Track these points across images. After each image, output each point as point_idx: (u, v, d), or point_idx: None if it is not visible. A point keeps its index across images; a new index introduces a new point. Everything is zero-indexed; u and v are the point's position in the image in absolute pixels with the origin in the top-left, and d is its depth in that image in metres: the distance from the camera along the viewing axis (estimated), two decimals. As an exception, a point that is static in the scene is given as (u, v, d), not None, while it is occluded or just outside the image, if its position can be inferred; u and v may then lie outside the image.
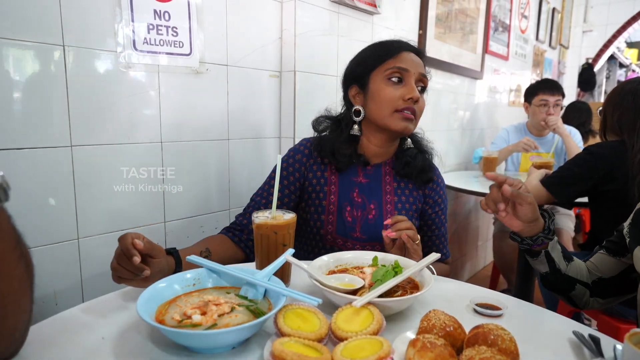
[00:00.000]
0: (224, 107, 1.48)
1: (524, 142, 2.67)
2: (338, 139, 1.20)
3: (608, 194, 1.69)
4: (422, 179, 1.23)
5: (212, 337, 0.66)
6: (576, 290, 1.02)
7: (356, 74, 1.20)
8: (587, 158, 1.74)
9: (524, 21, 3.87)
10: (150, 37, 1.24)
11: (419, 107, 1.15)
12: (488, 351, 0.61)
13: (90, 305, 0.86)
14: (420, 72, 1.15)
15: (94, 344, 0.71)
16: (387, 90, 1.13)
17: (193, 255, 0.89)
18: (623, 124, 1.71)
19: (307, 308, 0.75)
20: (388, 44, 1.19)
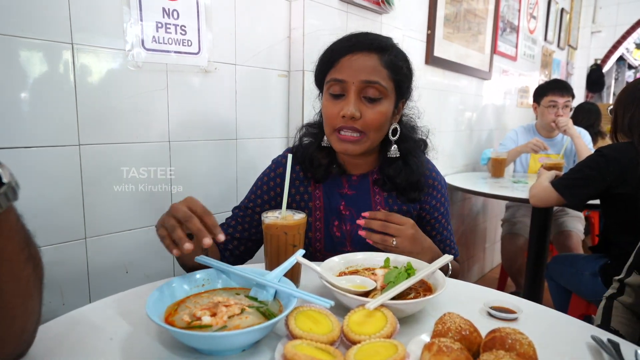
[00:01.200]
0: (232, 106, 1.47)
1: (534, 142, 2.64)
2: (310, 147, 1.14)
3: (619, 196, 1.67)
4: (407, 197, 1.13)
5: (222, 339, 0.64)
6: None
7: (317, 82, 1.13)
8: (599, 160, 1.72)
9: (532, 22, 3.84)
10: (159, 35, 1.23)
11: (365, 122, 1.00)
12: (507, 356, 0.60)
13: (98, 305, 0.85)
14: (362, 80, 0.98)
15: (101, 345, 0.70)
16: (326, 106, 1.04)
17: (202, 256, 0.88)
18: (634, 126, 1.69)
19: (319, 310, 0.73)
20: (333, 48, 1.04)
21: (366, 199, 1.14)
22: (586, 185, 1.73)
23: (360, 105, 1.00)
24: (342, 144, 1.03)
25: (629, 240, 1.65)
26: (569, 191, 1.78)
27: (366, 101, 1.01)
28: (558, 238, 2.70)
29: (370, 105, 1.01)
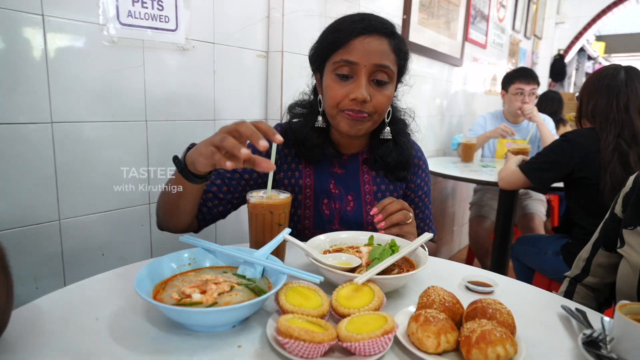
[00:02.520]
0: (211, 86, 1.44)
1: (502, 128, 2.74)
2: (304, 128, 1.11)
3: (582, 180, 1.76)
4: (396, 175, 1.16)
5: (214, 314, 0.65)
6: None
7: (315, 62, 1.09)
8: (564, 145, 1.80)
9: (502, 10, 3.93)
10: (135, 10, 1.19)
11: (374, 106, 1.01)
12: (489, 324, 0.63)
13: (78, 286, 0.83)
14: (375, 63, 0.98)
15: (87, 325, 0.69)
16: (333, 87, 1.01)
17: (187, 236, 0.88)
18: (597, 113, 1.77)
19: (307, 286, 0.75)
20: (339, 29, 1.02)
21: (355, 178, 1.15)
22: (552, 169, 1.82)
23: (369, 88, 1.00)
24: (350, 122, 1.02)
25: (590, 221, 1.75)
26: (536, 174, 1.87)
27: (375, 84, 1.01)
28: (522, 220, 2.83)
29: (379, 89, 1.02)
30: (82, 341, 0.65)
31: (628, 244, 0.92)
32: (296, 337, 0.59)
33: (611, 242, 1.00)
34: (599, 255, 1.03)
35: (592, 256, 1.05)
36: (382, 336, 0.60)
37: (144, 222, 1.31)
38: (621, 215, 0.99)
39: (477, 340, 0.60)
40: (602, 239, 1.03)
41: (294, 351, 0.60)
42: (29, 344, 0.64)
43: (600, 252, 1.03)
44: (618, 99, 1.74)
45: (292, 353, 0.60)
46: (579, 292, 1.06)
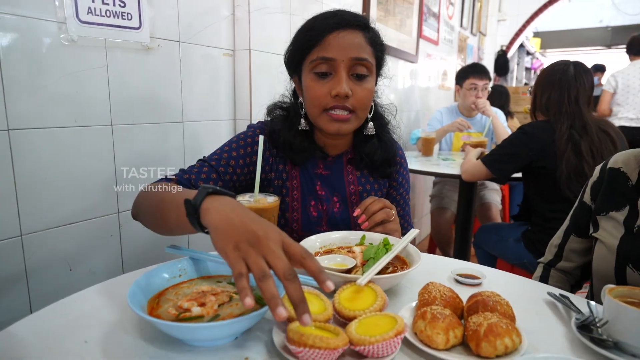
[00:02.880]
0: (178, 87, 1.38)
1: (459, 122, 2.84)
2: (288, 133, 1.07)
3: (539, 169, 1.86)
4: (381, 173, 1.16)
5: (220, 328, 0.62)
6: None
7: (291, 65, 1.07)
8: (522, 137, 1.89)
9: (450, 8, 4.07)
10: (95, 6, 1.11)
11: (356, 100, 0.99)
12: (494, 316, 0.65)
13: (56, 308, 0.76)
14: (352, 57, 0.96)
15: (75, 350, 0.64)
16: (313, 86, 0.99)
17: (171, 246, 0.84)
18: (550, 106, 1.88)
19: (308, 290, 0.73)
20: (313, 26, 1.00)
21: (340, 179, 1.14)
22: (511, 161, 1.91)
23: (349, 83, 0.98)
24: (334, 124, 1.00)
25: (547, 208, 1.86)
26: (497, 166, 1.95)
27: (355, 79, 0.99)
28: (480, 209, 2.95)
29: (359, 83, 1.00)
30: (74, 368, 0.60)
31: (603, 228, 0.98)
32: (311, 345, 0.58)
33: (582, 229, 1.06)
34: (571, 242, 1.09)
35: (564, 242, 1.11)
36: (395, 337, 0.60)
37: (113, 232, 1.24)
38: (590, 203, 1.05)
39: (486, 333, 0.62)
40: (573, 226, 1.09)
41: (308, 359, 0.59)
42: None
43: (572, 238, 1.09)
44: (569, 92, 1.85)
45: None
46: (553, 276, 1.12)
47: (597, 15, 8.64)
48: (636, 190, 0.96)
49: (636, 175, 0.97)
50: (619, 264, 0.92)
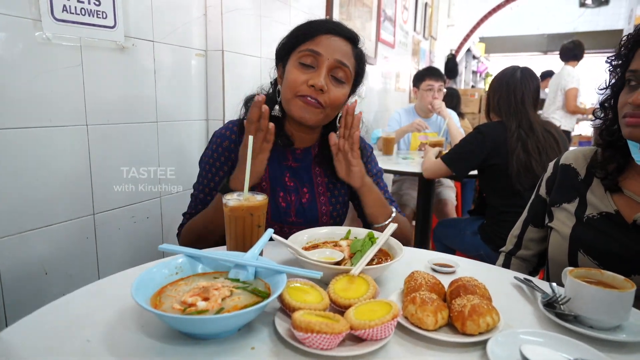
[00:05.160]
0: (152, 86, 1.36)
1: (417, 123, 2.97)
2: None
3: (494, 166, 2.00)
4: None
5: (228, 320, 0.64)
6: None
7: (281, 54, 1.14)
8: (477, 136, 2.03)
9: (405, 13, 4.22)
10: (70, 4, 1.08)
11: (329, 97, 1.06)
12: (475, 298, 0.72)
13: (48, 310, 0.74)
14: (337, 59, 1.04)
15: (79, 349, 0.64)
16: (294, 72, 1.05)
17: (166, 244, 0.84)
18: (501, 107, 2.03)
19: (304, 282, 0.77)
20: (310, 24, 1.09)
21: (308, 172, 1.20)
22: (469, 159, 2.04)
23: (327, 80, 1.05)
24: (303, 109, 1.06)
25: (501, 202, 2.00)
26: (456, 164, 2.07)
27: (333, 80, 1.07)
28: (437, 205, 3.10)
29: (336, 85, 1.08)
30: (81, 367, 0.60)
31: (556, 218, 1.09)
32: (317, 331, 0.62)
33: (538, 220, 1.17)
34: (529, 232, 1.20)
35: (523, 232, 1.21)
36: (392, 320, 0.66)
37: (88, 234, 1.21)
38: (545, 196, 1.16)
39: (470, 313, 0.68)
40: (530, 217, 1.20)
41: (314, 344, 0.62)
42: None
43: (530, 228, 1.20)
44: (516, 94, 2.00)
45: (312, 346, 0.63)
46: (514, 264, 1.22)
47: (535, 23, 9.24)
48: (585, 184, 1.07)
49: (585, 170, 1.09)
50: (572, 250, 1.03)
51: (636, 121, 0.91)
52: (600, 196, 1.03)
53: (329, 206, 1.20)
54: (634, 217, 0.95)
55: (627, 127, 0.93)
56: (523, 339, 0.67)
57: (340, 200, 1.24)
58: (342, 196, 1.24)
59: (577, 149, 1.15)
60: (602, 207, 1.01)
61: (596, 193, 1.04)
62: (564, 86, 4.42)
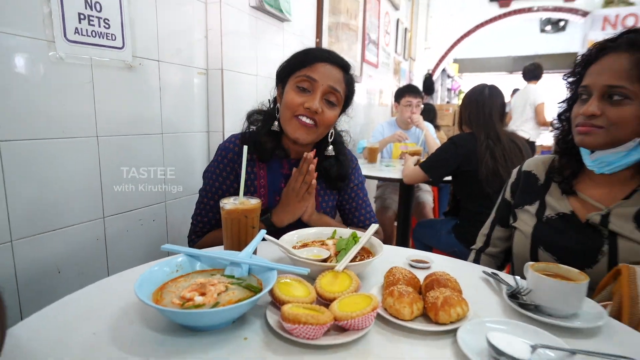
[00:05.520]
0: (157, 101, 1.35)
1: (398, 134, 2.98)
2: (261, 132, 1.14)
3: (466, 173, 2.01)
4: (333, 185, 1.23)
5: (223, 313, 0.63)
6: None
7: (281, 75, 1.15)
8: (451, 146, 2.04)
9: (387, 37, 4.26)
10: (82, 27, 1.07)
11: (322, 119, 1.08)
12: (447, 291, 0.72)
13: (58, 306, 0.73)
14: (330, 85, 1.07)
15: (86, 341, 0.63)
16: (292, 95, 1.07)
17: (168, 244, 0.83)
18: (472, 120, 2.04)
19: (293, 278, 0.77)
20: (307, 52, 1.11)
21: None
22: (444, 166, 2.05)
23: (321, 103, 1.07)
24: (299, 129, 1.08)
25: (473, 204, 2.01)
26: (432, 171, 2.08)
27: (326, 103, 1.09)
28: (416, 208, 3.11)
29: (328, 107, 1.09)
30: (87, 357, 0.59)
31: (520, 219, 1.09)
32: (304, 322, 0.61)
33: (504, 220, 1.18)
34: (496, 231, 1.20)
35: (491, 232, 1.22)
36: (372, 311, 0.65)
37: (99, 236, 1.19)
38: (510, 199, 1.16)
39: (442, 304, 0.68)
40: (497, 218, 1.21)
41: (301, 334, 0.62)
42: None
43: (497, 228, 1.20)
44: (484, 109, 2.02)
45: (300, 336, 0.62)
46: (483, 259, 1.22)
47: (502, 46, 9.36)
48: (544, 188, 1.08)
49: (544, 176, 1.10)
50: (533, 247, 1.03)
51: (586, 129, 0.92)
52: (558, 198, 1.04)
53: (319, 208, 1.20)
54: (587, 216, 0.96)
55: (579, 135, 0.94)
56: (489, 327, 0.66)
57: (330, 204, 1.25)
58: (332, 201, 1.25)
59: (538, 157, 1.16)
60: (559, 208, 1.02)
61: (554, 196, 1.05)
62: (533, 102, 4.47)
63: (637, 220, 0.90)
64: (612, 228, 0.92)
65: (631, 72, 0.86)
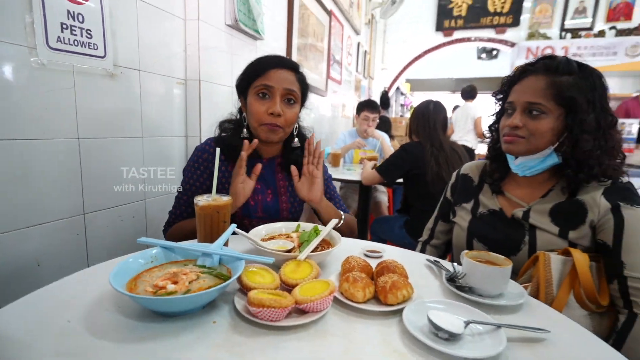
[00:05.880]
0: (138, 108, 1.29)
1: (358, 142, 3.01)
2: (232, 139, 1.12)
3: (414, 176, 2.06)
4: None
5: (191, 299, 0.61)
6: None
7: (241, 88, 1.12)
8: (402, 153, 2.08)
9: (349, 57, 4.30)
10: (64, 36, 1.01)
11: (286, 118, 1.07)
12: (395, 276, 0.72)
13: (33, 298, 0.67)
14: (285, 87, 1.05)
15: (61, 328, 0.58)
16: (255, 105, 1.06)
17: (144, 237, 0.79)
18: (419, 131, 2.10)
19: (260, 267, 0.75)
20: (260, 63, 1.08)
21: (272, 177, 1.19)
22: (396, 169, 2.09)
23: (282, 105, 1.06)
24: (268, 134, 1.08)
25: (421, 202, 2.06)
26: (386, 173, 2.12)
27: (286, 103, 1.07)
28: (373, 207, 3.15)
29: (289, 107, 1.08)
30: (61, 344, 0.55)
31: (458, 215, 1.12)
32: (268, 306, 0.60)
33: (446, 216, 1.21)
34: (439, 225, 1.24)
35: (435, 226, 1.25)
36: (329, 295, 0.65)
37: (79, 231, 1.12)
38: (450, 198, 1.20)
39: (390, 287, 0.69)
40: (440, 214, 1.24)
41: (265, 317, 0.60)
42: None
43: (440, 223, 1.23)
44: (429, 121, 2.08)
45: (264, 319, 0.61)
46: (428, 250, 1.25)
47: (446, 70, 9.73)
48: (478, 188, 1.12)
49: (478, 178, 1.14)
50: (469, 239, 1.07)
51: (511, 139, 0.96)
52: (489, 197, 1.08)
53: (288, 204, 1.19)
54: (512, 212, 1.00)
55: (505, 144, 0.99)
56: (430, 306, 0.68)
57: (298, 199, 1.23)
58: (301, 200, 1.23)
59: (473, 162, 1.21)
60: (490, 205, 1.06)
61: (486, 195, 1.09)
62: (473, 116, 4.75)
63: (551, 215, 0.95)
64: (532, 222, 0.96)
65: (547, 92, 0.91)
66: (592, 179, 0.91)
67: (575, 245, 0.90)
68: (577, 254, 0.85)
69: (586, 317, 0.84)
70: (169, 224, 1.14)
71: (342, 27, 3.86)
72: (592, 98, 0.90)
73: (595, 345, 0.63)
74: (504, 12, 5.93)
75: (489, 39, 6.06)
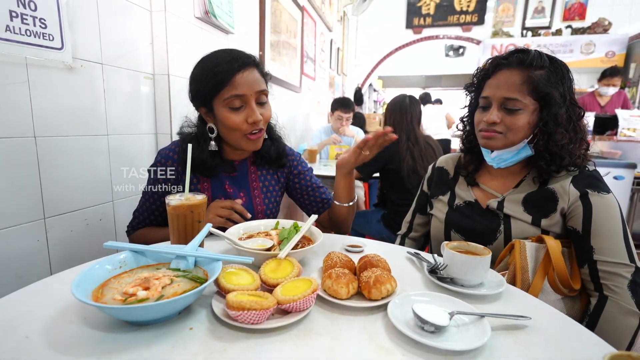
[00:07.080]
0: (102, 104, 1.20)
1: (333, 138, 3.00)
2: (200, 156, 1.01)
3: (390, 170, 2.06)
4: (277, 164, 1.16)
5: (167, 305, 0.56)
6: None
7: (200, 99, 1.00)
8: (378, 147, 2.08)
9: (322, 54, 4.27)
10: (14, 25, 0.92)
11: (265, 118, 1.01)
12: (378, 270, 0.71)
13: (-14, 310, 0.61)
14: (257, 90, 0.97)
15: (17, 345, 0.52)
16: (231, 117, 0.96)
17: (111, 242, 0.73)
18: (396, 124, 2.11)
19: (239, 267, 0.71)
20: (219, 70, 0.95)
21: (245, 179, 1.12)
22: (372, 164, 2.08)
23: (258, 109, 0.99)
24: (254, 143, 1.02)
25: (397, 196, 2.07)
26: (362, 169, 2.11)
27: (259, 105, 1.01)
28: (350, 202, 3.15)
29: (263, 107, 1.02)
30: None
31: (435, 207, 1.13)
32: (248, 308, 0.56)
33: (423, 209, 1.21)
34: (417, 218, 1.24)
35: (413, 219, 1.25)
36: (312, 294, 0.62)
37: (39, 237, 1.03)
38: (427, 191, 1.20)
39: (374, 282, 0.67)
40: (417, 207, 1.24)
41: (246, 320, 0.57)
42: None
43: (418, 216, 1.23)
44: (405, 115, 2.09)
45: (245, 322, 0.57)
46: (407, 243, 1.25)
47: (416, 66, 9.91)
48: (453, 180, 1.13)
49: (453, 170, 1.14)
50: (447, 230, 1.07)
51: (489, 135, 0.97)
52: (464, 189, 1.09)
53: (263, 205, 1.14)
54: (487, 203, 1.01)
55: (483, 139, 0.99)
56: (414, 299, 0.66)
57: (273, 200, 1.18)
58: (275, 197, 1.18)
59: (448, 155, 1.21)
60: (466, 197, 1.07)
61: (461, 187, 1.10)
62: (443, 113, 5.11)
63: (524, 204, 0.96)
64: (506, 211, 0.97)
65: (522, 87, 0.92)
66: (562, 169, 0.93)
67: (547, 232, 0.92)
68: (550, 241, 0.87)
69: (560, 301, 0.86)
70: (132, 227, 1.07)
71: (315, 23, 3.82)
72: (563, 92, 0.91)
73: (573, 328, 0.64)
74: (470, 10, 6.09)
75: (456, 37, 6.22)
